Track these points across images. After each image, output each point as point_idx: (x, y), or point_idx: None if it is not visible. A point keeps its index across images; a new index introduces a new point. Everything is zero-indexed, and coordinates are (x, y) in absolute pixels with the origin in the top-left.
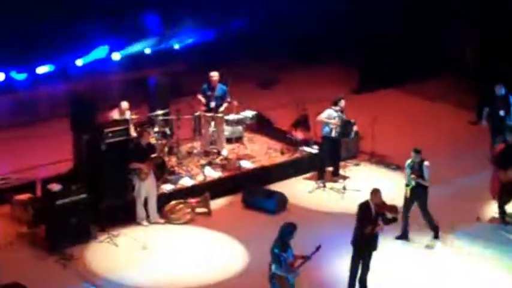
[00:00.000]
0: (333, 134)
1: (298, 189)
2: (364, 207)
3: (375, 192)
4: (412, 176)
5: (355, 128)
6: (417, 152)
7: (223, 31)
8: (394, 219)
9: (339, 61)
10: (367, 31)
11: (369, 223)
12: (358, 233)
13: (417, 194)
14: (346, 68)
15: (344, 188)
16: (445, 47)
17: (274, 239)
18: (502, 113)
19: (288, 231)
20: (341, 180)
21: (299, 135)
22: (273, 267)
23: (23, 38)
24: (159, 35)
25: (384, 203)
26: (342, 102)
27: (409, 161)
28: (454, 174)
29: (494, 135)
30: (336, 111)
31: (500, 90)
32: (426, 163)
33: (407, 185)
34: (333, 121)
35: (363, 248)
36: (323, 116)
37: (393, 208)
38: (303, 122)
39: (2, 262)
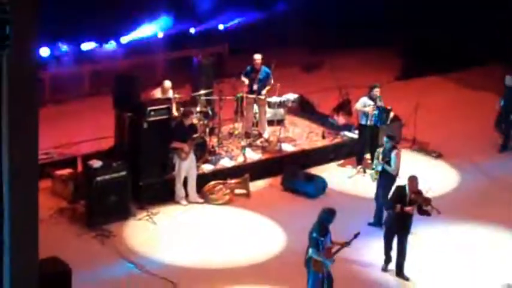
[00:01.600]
0: (369, 122)
1: (338, 174)
2: (400, 190)
3: (412, 179)
4: (381, 161)
5: (391, 114)
6: (389, 138)
7: (268, 13)
8: (427, 212)
9: (383, 47)
10: (412, 16)
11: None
12: (390, 213)
13: (383, 179)
14: (390, 54)
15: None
16: (493, 34)
17: (313, 224)
18: (502, 102)
19: (327, 216)
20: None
21: (340, 119)
22: (310, 251)
23: (69, 14)
24: (205, 14)
25: (420, 192)
26: (376, 90)
27: (381, 148)
28: (496, 163)
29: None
30: (370, 98)
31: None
32: (395, 151)
33: (373, 169)
34: (367, 109)
35: (394, 228)
36: (358, 105)
37: (427, 200)
38: (344, 107)
39: (42, 236)
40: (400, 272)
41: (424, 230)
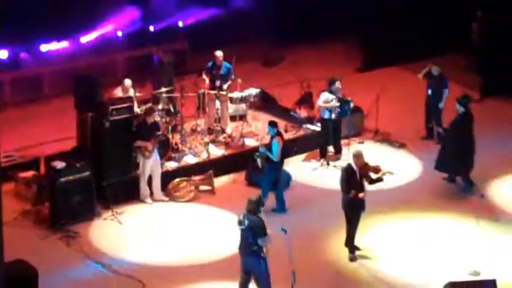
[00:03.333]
0: (333, 116)
1: (302, 167)
2: (348, 170)
3: (358, 155)
4: (264, 147)
5: (351, 105)
6: (271, 125)
7: (227, 8)
8: (379, 179)
9: (343, 39)
10: (371, 8)
11: (354, 187)
12: (345, 197)
13: (267, 165)
14: (350, 46)
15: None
16: (452, 25)
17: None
18: (429, 92)
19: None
20: (344, 158)
21: (303, 112)
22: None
23: (26, 15)
24: (164, 11)
25: (366, 164)
26: (337, 83)
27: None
28: None
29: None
30: (331, 92)
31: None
32: (276, 138)
33: (258, 154)
34: (330, 104)
35: (353, 210)
36: (320, 102)
37: (377, 168)
38: (306, 100)
39: (6, 239)
40: (350, 243)
41: (387, 220)
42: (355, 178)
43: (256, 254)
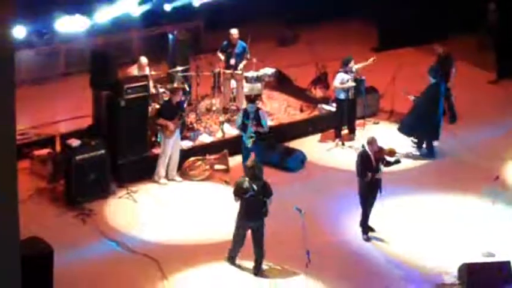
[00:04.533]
0: (350, 96)
1: (317, 147)
2: (363, 155)
3: (372, 141)
4: (253, 126)
5: (364, 84)
6: (252, 101)
7: None
8: (397, 161)
9: (358, 18)
10: None
11: (370, 171)
12: (361, 181)
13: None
14: (366, 25)
15: (362, 146)
16: (468, 5)
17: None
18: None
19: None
20: (358, 139)
21: (318, 93)
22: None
23: None
24: None
25: (381, 148)
26: (352, 63)
27: (240, 114)
28: (473, 132)
29: None
30: (347, 72)
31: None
32: (261, 111)
33: (250, 137)
34: (346, 85)
35: (368, 194)
36: (336, 83)
37: (392, 151)
38: (322, 80)
39: (22, 217)
40: (364, 223)
41: (400, 200)
42: (371, 163)
43: (264, 215)
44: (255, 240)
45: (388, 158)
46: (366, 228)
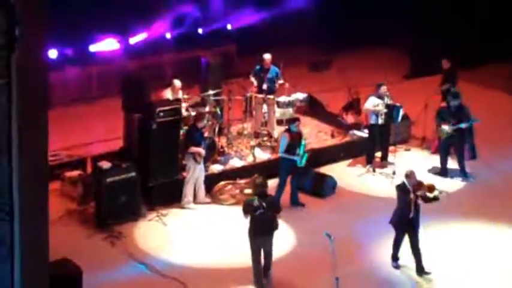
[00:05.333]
0: (379, 120)
1: (348, 173)
2: (402, 188)
3: (410, 174)
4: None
5: (401, 111)
6: (292, 121)
7: (276, 12)
8: (436, 198)
9: (391, 45)
10: (419, 16)
11: (408, 205)
12: (398, 214)
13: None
14: (398, 52)
15: (393, 173)
16: (499, 33)
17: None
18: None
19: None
20: (390, 165)
21: (350, 118)
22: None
23: (76, 16)
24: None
25: (421, 183)
26: (383, 88)
27: (285, 137)
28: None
29: None
30: (378, 97)
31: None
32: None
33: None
34: (378, 108)
35: (404, 228)
36: (367, 106)
37: (431, 187)
38: (354, 106)
39: (51, 238)
40: (421, 269)
41: (438, 228)
42: (408, 196)
43: (274, 229)
44: (265, 253)
45: (428, 194)
46: (395, 255)
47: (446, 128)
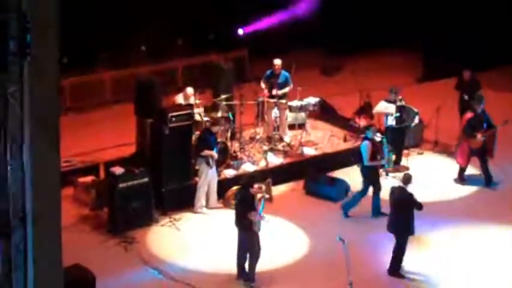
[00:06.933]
0: (392, 122)
1: (360, 177)
2: (399, 191)
3: (408, 178)
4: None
5: (417, 118)
6: (368, 127)
7: (287, 16)
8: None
9: (403, 49)
10: (432, 18)
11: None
12: (396, 218)
13: None
14: (410, 55)
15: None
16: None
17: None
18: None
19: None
20: (404, 169)
21: (362, 122)
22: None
23: (87, 21)
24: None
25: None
26: (393, 93)
27: (368, 144)
28: None
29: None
30: (389, 101)
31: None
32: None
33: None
34: (387, 111)
35: (401, 232)
36: (377, 109)
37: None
38: (366, 110)
39: (65, 244)
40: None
41: (445, 233)
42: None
43: (247, 228)
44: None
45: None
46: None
47: (479, 136)
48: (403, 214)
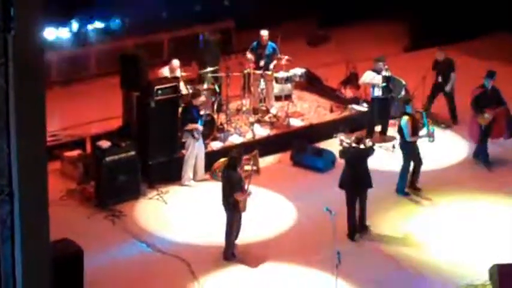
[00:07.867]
0: (379, 93)
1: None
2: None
3: (360, 139)
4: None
5: (403, 90)
6: (407, 102)
7: None
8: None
9: (390, 18)
10: None
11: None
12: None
13: None
14: (397, 25)
15: (393, 147)
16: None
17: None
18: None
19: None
20: (390, 139)
21: (348, 93)
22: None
23: None
24: None
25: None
26: (381, 63)
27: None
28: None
29: None
30: (375, 71)
31: (441, 55)
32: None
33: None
34: (373, 81)
35: (355, 187)
36: (363, 79)
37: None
38: (352, 80)
39: (52, 218)
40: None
41: (433, 202)
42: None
43: (232, 207)
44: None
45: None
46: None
47: (487, 115)
48: (357, 169)
